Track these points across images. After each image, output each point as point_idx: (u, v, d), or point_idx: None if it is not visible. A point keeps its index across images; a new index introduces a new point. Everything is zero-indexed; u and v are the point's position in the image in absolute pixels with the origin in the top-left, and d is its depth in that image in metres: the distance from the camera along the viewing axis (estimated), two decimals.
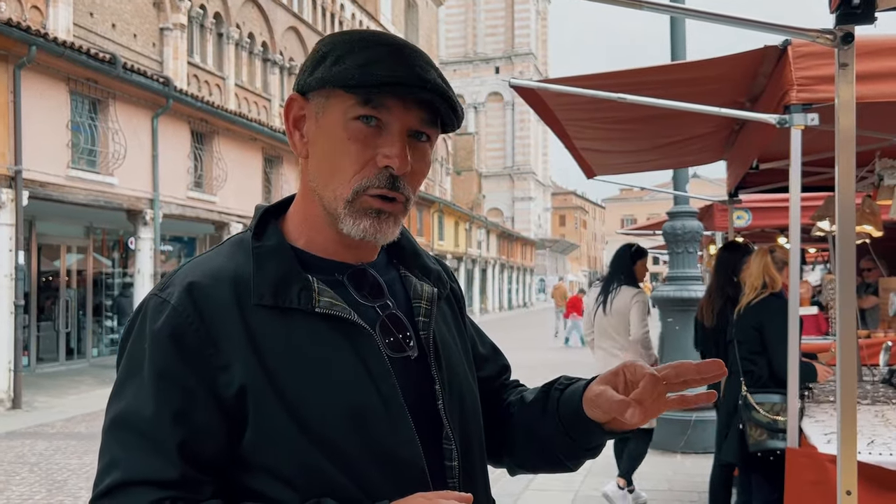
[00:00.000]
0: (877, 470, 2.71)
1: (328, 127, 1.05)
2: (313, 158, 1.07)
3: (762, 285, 4.00)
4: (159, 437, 0.96)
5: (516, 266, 56.00)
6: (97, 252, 16.99)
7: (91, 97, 13.77)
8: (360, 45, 1.04)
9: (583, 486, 6.18)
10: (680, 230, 7.45)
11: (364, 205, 1.04)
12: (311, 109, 1.07)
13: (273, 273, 1.03)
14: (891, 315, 7.32)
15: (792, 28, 1.90)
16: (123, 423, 0.98)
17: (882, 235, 4.91)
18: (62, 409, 10.87)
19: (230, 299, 1.01)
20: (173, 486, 0.95)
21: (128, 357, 1.03)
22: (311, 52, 1.09)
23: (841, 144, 1.80)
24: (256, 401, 0.98)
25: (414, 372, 1.08)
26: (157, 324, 0.99)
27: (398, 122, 1.03)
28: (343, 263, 1.10)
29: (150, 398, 0.97)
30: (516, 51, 70.48)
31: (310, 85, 1.05)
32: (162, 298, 1.02)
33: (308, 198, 1.09)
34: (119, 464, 0.96)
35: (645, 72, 3.64)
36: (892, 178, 3.94)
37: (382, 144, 1.03)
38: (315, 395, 0.99)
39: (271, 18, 28.24)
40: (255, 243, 1.07)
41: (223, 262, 1.06)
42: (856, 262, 7.21)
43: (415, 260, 1.21)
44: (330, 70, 1.02)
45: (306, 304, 1.02)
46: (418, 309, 1.13)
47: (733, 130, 4.86)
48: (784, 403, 3.71)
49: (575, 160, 5.48)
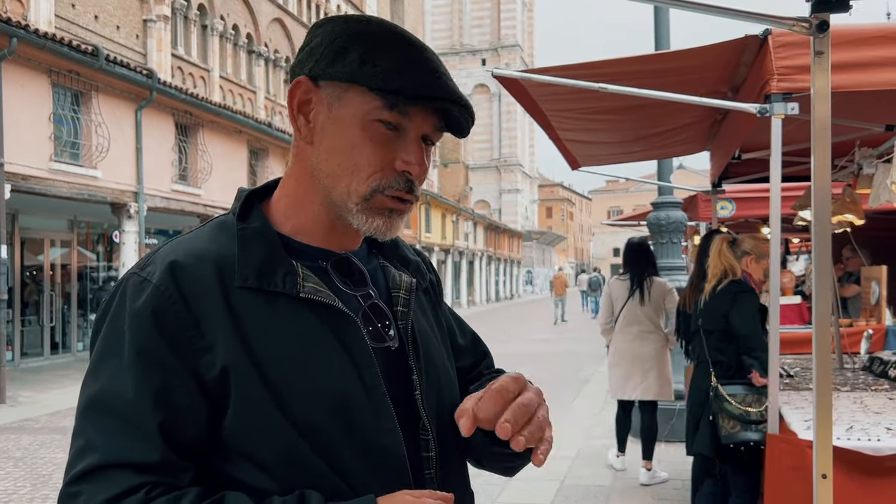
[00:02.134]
0: (855, 455, 2.74)
1: (344, 120, 1.04)
2: (322, 148, 1.05)
3: (723, 273, 3.99)
4: (139, 419, 0.94)
5: (503, 258, 56.08)
6: (81, 245, 16.88)
7: (74, 89, 13.66)
8: (385, 45, 1.03)
9: (568, 475, 6.22)
10: (664, 220, 7.49)
11: (379, 204, 1.04)
12: (322, 97, 1.05)
13: (258, 255, 1.02)
14: (872, 304, 7.39)
15: (768, 16, 1.92)
16: (100, 404, 0.96)
17: (863, 224, 4.95)
18: (47, 404, 10.82)
19: (213, 280, 0.99)
20: (153, 470, 0.93)
21: (105, 336, 1.00)
22: (322, 39, 1.06)
23: (817, 133, 1.82)
24: (238, 383, 0.96)
25: (393, 362, 1.08)
26: (138, 303, 0.97)
27: (416, 128, 1.04)
28: (327, 251, 1.09)
29: (130, 378, 0.95)
30: (503, 42, 70.40)
31: (331, 75, 1.03)
32: (142, 277, 1.00)
33: (304, 182, 1.08)
34: (96, 447, 0.93)
35: (627, 61, 3.65)
36: (871, 168, 3.98)
37: (401, 149, 1.04)
38: (298, 379, 0.98)
39: (256, 10, 28.08)
40: (239, 225, 1.06)
41: (206, 243, 1.04)
42: (837, 251, 7.24)
43: (394, 250, 1.20)
44: (359, 69, 1.01)
45: (291, 288, 1.01)
46: (397, 299, 1.13)
47: (716, 121, 4.88)
48: (755, 395, 3.75)
49: (559, 151, 5.49)
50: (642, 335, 5.95)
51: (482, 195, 68.43)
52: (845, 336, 5.49)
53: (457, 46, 70.96)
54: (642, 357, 5.93)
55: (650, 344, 5.94)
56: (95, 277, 17.34)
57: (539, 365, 14.19)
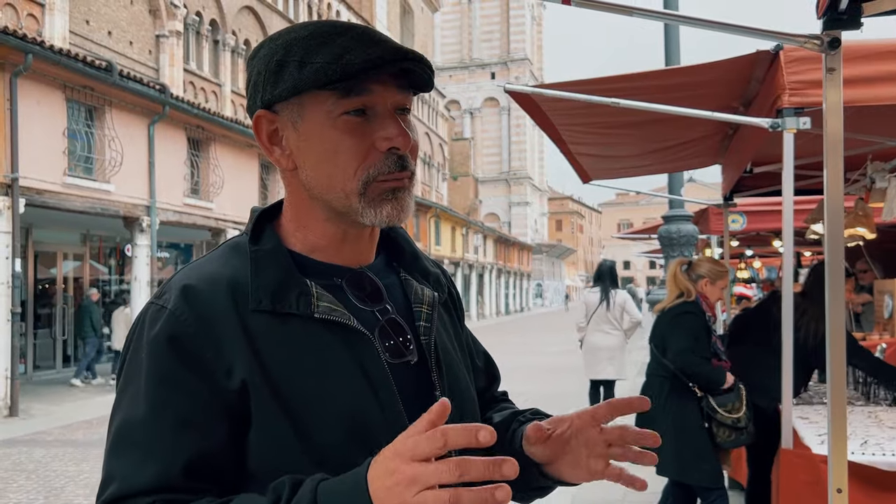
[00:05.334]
0: (870, 470, 2.74)
1: (314, 132, 1.02)
2: (306, 166, 1.04)
3: (678, 296, 4.20)
4: (154, 445, 0.94)
5: (513, 271, 56.00)
6: (94, 259, 16.99)
7: (87, 104, 13.79)
8: (317, 41, 1.00)
9: (580, 489, 6.20)
10: (675, 234, 7.49)
11: (378, 191, 1.02)
12: (285, 120, 1.04)
13: (271, 277, 1.01)
14: (885, 317, 7.34)
15: (780, 34, 1.93)
16: (120, 434, 0.97)
17: (876, 238, 4.94)
18: (59, 417, 10.86)
19: (228, 303, 0.99)
20: (168, 490, 0.93)
21: (126, 368, 1.01)
22: (259, 67, 1.04)
23: (829, 148, 1.83)
24: (256, 404, 0.96)
25: (414, 378, 1.06)
26: (155, 330, 0.98)
27: (383, 101, 1.02)
28: (342, 267, 1.08)
29: (147, 406, 0.96)
30: (512, 56, 70.62)
31: (278, 96, 1.02)
32: (159, 305, 1.00)
33: (303, 205, 1.07)
34: (115, 477, 0.95)
35: (639, 76, 3.67)
36: (883, 181, 3.97)
37: (378, 129, 1.02)
38: (314, 401, 0.97)
39: (267, 25, 28.29)
40: (251, 247, 1.05)
41: (219, 266, 1.04)
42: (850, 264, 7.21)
43: (415, 263, 1.18)
44: (300, 76, 0.99)
45: (305, 309, 1.00)
46: (419, 314, 1.11)
47: (727, 135, 4.89)
48: (736, 402, 3.91)
49: (571, 165, 5.51)
50: (607, 332, 8.03)
51: (492, 208, 68.46)
52: None
53: (466, 60, 71.23)
54: (608, 347, 8.03)
55: (613, 339, 8.00)
56: (107, 291, 17.43)
57: (550, 378, 14.15)
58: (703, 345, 4.04)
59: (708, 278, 4.15)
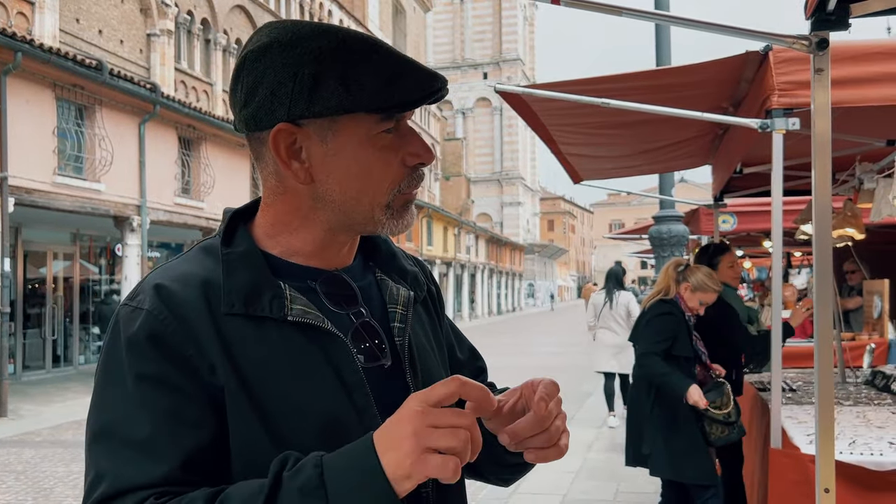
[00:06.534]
0: (858, 470, 2.75)
1: (347, 148, 1.00)
2: (330, 181, 1.02)
3: (661, 291, 4.21)
4: (147, 441, 0.92)
5: (505, 271, 56.03)
6: (84, 259, 16.90)
7: (77, 103, 13.73)
8: (355, 57, 0.98)
9: (571, 489, 6.21)
10: (666, 234, 7.51)
11: (400, 203, 1.04)
12: (310, 133, 1.00)
13: (243, 281, 1.00)
14: (875, 318, 7.38)
15: (769, 34, 1.94)
16: (106, 433, 0.95)
17: (864, 238, 4.96)
18: (49, 417, 10.81)
19: (201, 304, 0.98)
20: (161, 484, 0.91)
21: (104, 368, 0.98)
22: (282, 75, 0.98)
23: (817, 148, 1.83)
24: (231, 404, 0.95)
25: (389, 380, 1.06)
26: (132, 329, 0.96)
27: (405, 118, 1.04)
28: (317, 269, 1.07)
29: (132, 403, 0.94)
30: (504, 56, 70.70)
31: (315, 113, 0.98)
32: (133, 306, 0.99)
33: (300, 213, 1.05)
34: (105, 476, 0.92)
35: (629, 77, 3.67)
36: (872, 182, 3.99)
37: (405, 144, 1.03)
38: (289, 405, 0.96)
39: (258, 24, 28.11)
40: (224, 249, 1.03)
41: (191, 267, 1.03)
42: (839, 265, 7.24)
43: (392, 262, 1.18)
44: (348, 96, 0.97)
45: (278, 312, 0.99)
46: (394, 314, 1.10)
47: (718, 135, 4.90)
48: (721, 398, 3.95)
49: (562, 165, 5.51)
50: (614, 330, 8.78)
51: (484, 208, 68.51)
52: (847, 350, 5.48)
53: (458, 60, 71.26)
54: (614, 344, 8.74)
55: (619, 336, 8.60)
56: (98, 291, 17.35)
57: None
58: (684, 344, 4.03)
59: (691, 285, 4.12)
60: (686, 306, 4.14)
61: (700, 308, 4.13)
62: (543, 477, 6.58)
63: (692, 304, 4.13)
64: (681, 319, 4.09)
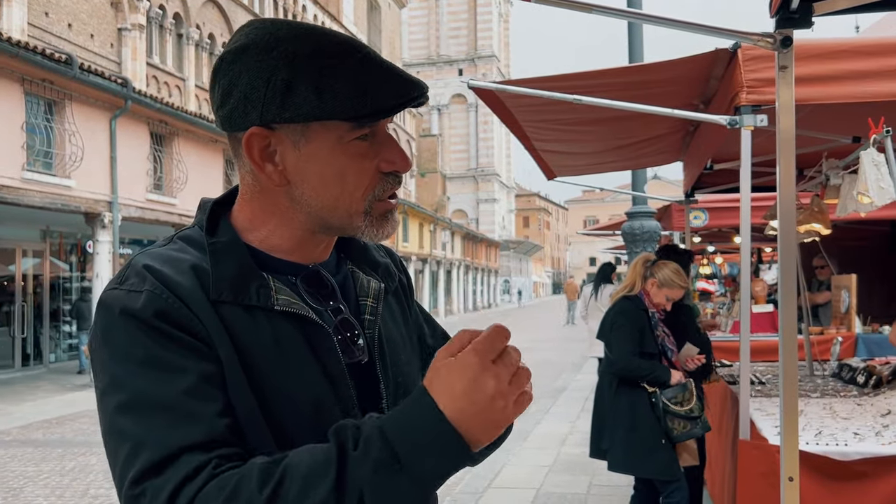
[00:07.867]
0: (823, 459, 2.80)
1: (320, 154, 1.00)
2: (306, 186, 1.02)
3: (628, 286, 4.26)
4: (182, 406, 0.90)
5: (481, 267, 56.13)
6: (54, 256, 16.68)
7: (47, 98, 13.54)
8: (329, 63, 0.98)
9: (545, 483, 6.25)
10: (638, 230, 7.57)
11: (380, 210, 1.04)
12: (283, 138, 1.00)
13: (231, 270, 1.00)
14: (842, 312, 7.51)
15: (735, 32, 1.97)
16: (136, 406, 0.91)
17: (833, 235, 5.04)
18: (19, 416, 10.65)
19: (196, 287, 0.98)
20: (212, 445, 0.89)
21: (110, 351, 0.95)
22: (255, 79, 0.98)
23: (781, 145, 1.87)
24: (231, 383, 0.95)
25: (363, 374, 1.08)
26: (136, 307, 0.94)
27: (382, 125, 1.04)
28: (297, 264, 1.08)
29: (152, 374, 0.92)
30: (479, 53, 70.71)
31: (286, 118, 0.98)
32: (126, 289, 0.97)
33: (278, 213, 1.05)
34: (147, 443, 0.89)
35: (601, 74, 3.70)
36: (837, 178, 4.06)
37: (380, 152, 1.03)
38: (279, 388, 0.98)
39: (232, 19, 27.98)
40: (209, 238, 1.04)
41: (178, 253, 1.03)
42: (808, 260, 7.34)
43: (363, 254, 1.19)
44: (320, 104, 0.97)
45: (265, 301, 1.00)
46: (364, 307, 1.12)
47: (689, 132, 4.96)
48: (683, 394, 3.98)
49: (535, 161, 5.54)
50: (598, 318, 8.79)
51: (459, 205, 68.54)
52: (815, 344, 5.57)
53: (434, 57, 71.17)
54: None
55: None
56: (69, 288, 17.13)
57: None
58: (648, 340, 4.06)
59: (657, 282, 4.13)
60: (651, 302, 4.16)
61: (667, 304, 4.16)
62: (518, 471, 6.62)
63: (658, 300, 4.15)
64: (643, 316, 4.12)
